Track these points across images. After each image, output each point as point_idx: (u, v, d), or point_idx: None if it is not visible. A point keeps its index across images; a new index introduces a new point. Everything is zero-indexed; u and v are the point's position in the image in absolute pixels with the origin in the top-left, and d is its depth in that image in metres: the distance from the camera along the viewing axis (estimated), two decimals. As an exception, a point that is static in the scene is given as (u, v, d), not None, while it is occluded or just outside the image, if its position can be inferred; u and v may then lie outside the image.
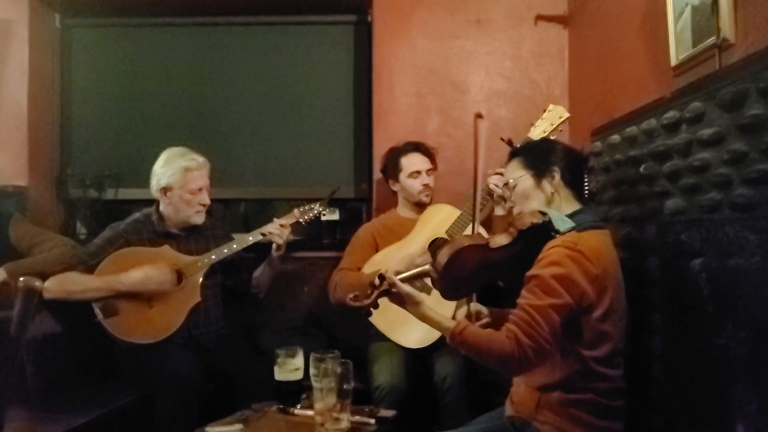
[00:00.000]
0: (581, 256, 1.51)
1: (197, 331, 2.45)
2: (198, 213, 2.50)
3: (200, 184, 2.49)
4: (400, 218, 2.65)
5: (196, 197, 2.48)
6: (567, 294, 1.49)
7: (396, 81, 2.92)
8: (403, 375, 2.25)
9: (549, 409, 1.58)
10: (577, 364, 1.55)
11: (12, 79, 2.97)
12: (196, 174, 2.48)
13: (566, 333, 1.52)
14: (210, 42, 3.19)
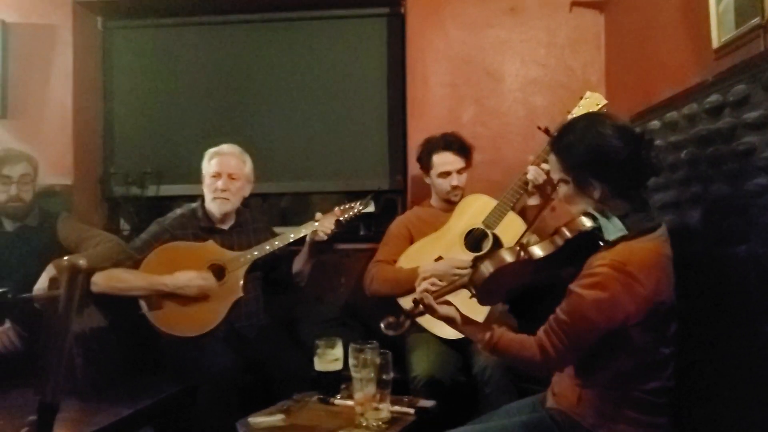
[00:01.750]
0: (630, 278, 1.42)
1: (239, 324, 2.50)
2: (215, 200, 2.50)
3: (218, 169, 2.51)
4: (434, 210, 2.64)
5: (214, 182, 2.50)
6: (606, 320, 1.44)
7: (430, 72, 2.91)
8: (441, 365, 2.26)
9: (591, 403, 1.56)
10: (623, 366, 1.51)
11: (57, 81, 3.08)
12: (217, 159, 2.52)
13: (610, 342, 1.48)
14: (246, 39, 3.23)
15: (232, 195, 2.52)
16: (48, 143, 3.00)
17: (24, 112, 3.08)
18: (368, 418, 1.77)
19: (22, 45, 3.09)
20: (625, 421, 1.51)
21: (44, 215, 2.68)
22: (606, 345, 1.48)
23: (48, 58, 3.08)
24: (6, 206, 2.57)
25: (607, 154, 1.50)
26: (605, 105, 2.23)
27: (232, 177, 2.52)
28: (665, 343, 1.52)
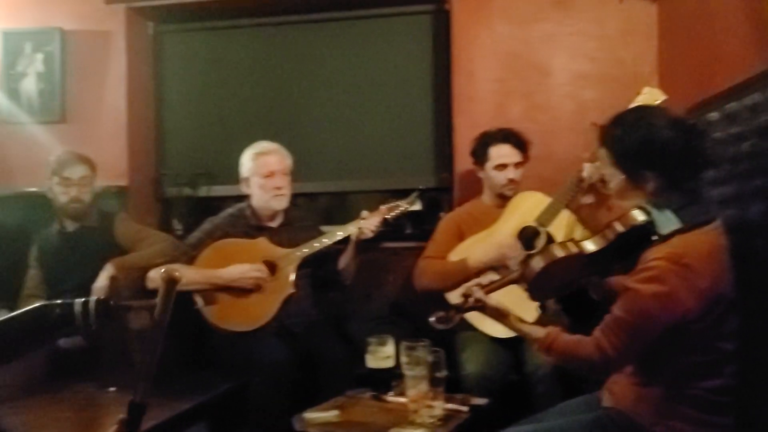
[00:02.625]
0: (688, 270, 1.39)
1: (289, 320, 2.53)
2: (276, 198, 2.55)
3: (272, 168, 2.55)
4: (486, 207, 2.62)
5: (270, 181, 2.54)
6: (666, 314, 1.41)
7: (476, 67, 2.89)
8: (492, 363, 2.25)
9: (651, 403, 1.52)
10: (682, 364, 1.48)
11: (112, 86, 3.18)
12: (267, 158, 2.56)
13: (670, 339, 1.45)
14: (292, 40, 3.27)
15: (287, 191, 2.58)
16: (104, 146, 3.09)
17: (81, 117, 3.19)
18: (422, 415, 1.78)
19: (79, 52, 3.20)
20: (685, 419, 1.48)
21: (102, 216, 2.78)
22: (664, 342, 1.44)
23: (103, 64, 3.18)
24: (67, 207, 2.67)
25: (659, 144, 1.48)
26: (664, 101, 2.16)
27: (284, 173, 2.58)
28: (726, 339, 1.47)
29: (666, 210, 1.48)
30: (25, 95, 3.24)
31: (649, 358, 1.50)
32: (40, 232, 2.78)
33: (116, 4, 3.15)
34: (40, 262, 2.71)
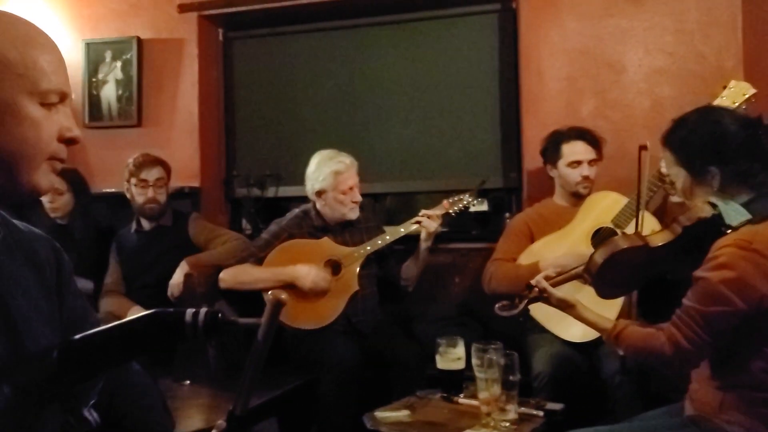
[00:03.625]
0: (758, 255, 1.36)
1: (356, 319, 2.56)
2: (352, 209, 2.62)
3: (350, 184, 2.60)
4: (557, 207, 2.56)
5: (348, 196, 2.60)
6: (739, 300, 1.36)
7: (545, 66, 2.83)
8: (564, 367, 2.19)
9: (735, 408, 1.45)
10: (765, 363, 1.41)
11: (185, 91, 3.28)
12: (346, 176, 2.60)
13: (750, 333, 1.40)
14: (357, 43, 3.29)
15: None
16: (178, 149, 3.21)
17: (156, 121, 3.32)
18: (495, 418, 1.74)
19: (154, 59, 3.33)
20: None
21: (177, 215, 2.88)
22: (743, 339, 1.40)
23: (176, 70, 3.30)
24: (144, 207, 2.78)
25: (724, 139, 1.50)
26: (753, 95, 2.05)
27: (357, 185, 2.64)
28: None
29: (734, 203, 1.47)
30: (105, 101, 3.40)
31: (728, 360, 1.45)
32: (119, 230, 2.90)
33: (189, 13, 3.26)
34: (119, 259, 2.83)
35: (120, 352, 0.90)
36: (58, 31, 3.41)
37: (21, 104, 0.86)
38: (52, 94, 0.89)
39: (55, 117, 0.90)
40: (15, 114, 0.86)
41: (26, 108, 0.86)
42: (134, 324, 0.89)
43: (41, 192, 0.91)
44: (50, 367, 0.84)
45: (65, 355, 0.85)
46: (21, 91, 0.86)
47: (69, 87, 0.93)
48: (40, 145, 0.88)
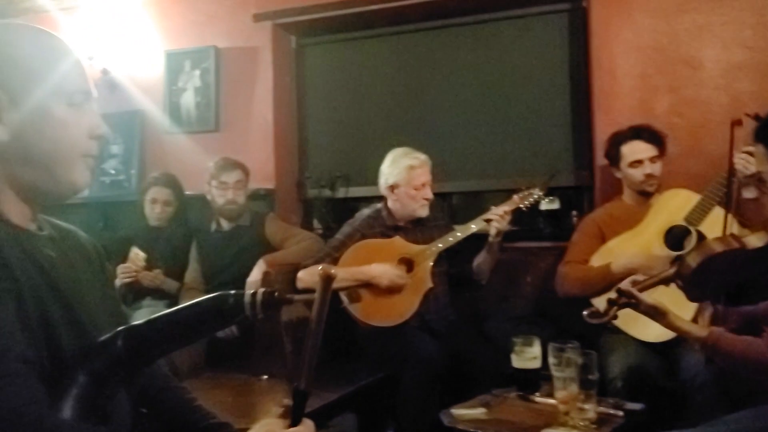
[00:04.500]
0: None
1: (429, 317, 2.60)
2: (422, 206, 2.66)
3: (423, 180, 2.64)
4: (627, 206, 2.54)
5: (420, 192, 2.63)
6: None
7: (617, 63, 2.80)
8: (641, 368, 2.16)
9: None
10: None
11: (260, 97, 3.41)
12: (419, 171, 2.64)
13: None
14: (427, 45, 3.34)
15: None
16: (253, 152, 3.32)
17: (233, 126, 3.46)
18: (574, 417, 1.75)
19: (231, 67, 3.46)
20: None
21: (254, 216, 3.00)
22: None
23: (251, 77, 3.42)
24: (223, 208, 2.91)
25: None
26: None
27: (430, 183, 2.67)
28: None
29: None
30: (184, 108, 3.56)
31: None
32: (200, 231, 3.05)
33: (263, 22, 3.37)
34: (199, 258, 2.98)
35: (187, 332, 0.96)
36: (141, 42, 3.60)
37: (50, 107, 0.93)
38: (77, 94, 0.96)
39: (82, 116, 0.96)
40: (46, 117, 0.92)
41: (55, 109, 0.93)
42: (199, 305, 0.94)
43: (80, 189, 0.98)
44: (118, 352, 0.90)
45: (130, 340, 0.91)
46: (48, 94, 0.93)
47: (91, 87, 0.99)
48: (72, 143, 0.95)
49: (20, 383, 0.75)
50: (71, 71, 0.96)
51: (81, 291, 0.97)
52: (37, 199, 0.97)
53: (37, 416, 0.74)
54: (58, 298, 0.91)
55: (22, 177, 0.93)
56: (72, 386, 0.85)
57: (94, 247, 1.12)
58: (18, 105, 0.91)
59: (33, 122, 0.92)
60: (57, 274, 0.93)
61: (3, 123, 0.91)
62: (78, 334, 0.91)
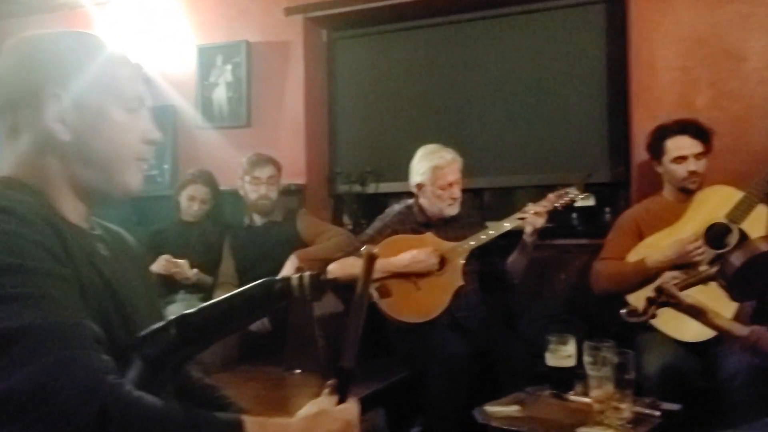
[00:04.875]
0: None
1: (459, 314, 2.57)
2: (450, 206, 2.63)
3: (450, 180, 2.60)
4: (667, 202, 2.48)
5: (447, 192, 2.61)
6: None
7: (657, 56, 2.73)
8: (677, 367, 2.12)
9: None
10: None
11: (291, 92, 3.41)
12: (446, 171, 2.60)
13: None
14: (460, 38, 3.30)
15: (460, 198, 2.65)
16: (284, 148, 3.33)
17: (265, 121, 3.47)
18: (609, 416, 1.72)
19: (262, 61, 3.48)
20: None
21: (286, 211, 3.01)
22: None
23: (283, 72, 3.43)
24: (256, 204, 2.93)
25: None
26: None
27: (459, 182, 2.64)
28: None
29: None
30: (216, 103, 3.59)
31: None
32: (233, 226, 3.08)
33: (295, 15, 3.38)
34: (232, 252, 3.00)
35: (237, 318, 0.99)
36: (173, 37, 3.64)
37: (109, 111, 0.97)
38: (134, 100, 1.01)
39: (137, 121, 1.01)
40: (105, 120, 0.97)
41: (114, 114, 0.98)
42: (248, 291, 0.97)
43: (133, 191, 1.02)
44: (171, 339, 0.93)
45: (183, 327, 0.94)
46: (108, 99, 0.97)
47: (145, 94, 1.04)
48: (128, 147, 1.00)
49: (98, 355, 0.79)
50: (130, 78, 1.01)
51: (130, 291, 1.00)
52: (92, 199, 1.01)
53: (117, 384, 0.77)
54: (112, 297, 0.94)
55: (80, 177, 0.97)
56: (130, 370, 0.88)
57: (138, 249, 1.16)
58: (80, 108, 0.95)
59: (93, 125, 0.96)
60: (110, 274, 0.96)
61: (66, 124, 0.95)
62: (128, 333, 0.94)
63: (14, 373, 0.73)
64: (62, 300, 0.80)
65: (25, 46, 0.97)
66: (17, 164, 0.96)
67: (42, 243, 0.83)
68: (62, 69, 0.95)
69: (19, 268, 0.79)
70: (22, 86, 0.95)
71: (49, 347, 0.75)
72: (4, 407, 0.72)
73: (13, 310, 0.76)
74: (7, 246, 0.80)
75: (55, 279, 0.82)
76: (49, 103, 0.93)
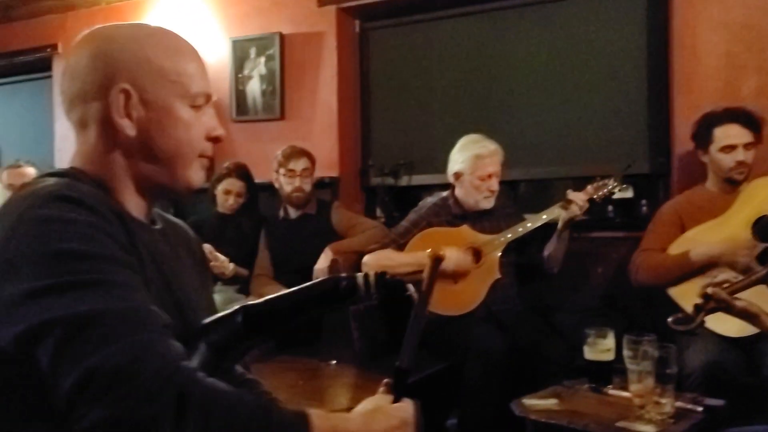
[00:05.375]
0: None
1: (495, 307, 2.55)
2: (486, 198, 2.60)
3: (489, 171, 2.58)
4: (710, 194, 2.41)
5: (485, 183, 2.58)
6: None
7: (701, 42, 2.64)
8: (721, 363, 2.07)
9: None
10: None
11: (324, 84, 3.41)
12: (487, 161, 2.58)
13: None
14: (493, 27, 3.25)
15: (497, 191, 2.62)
16: (318, 141, 3.34)
17: (298, 114, 3.47)
18: (650, 411, 1.69)
19: (295, 53, 3.47)
20: None
21: (320, 204, 3.03)
22: None
23: (316, 63, 3.43)
24: (291, 196, 2.95)
25: None
26: None
27: (498, 175, 2.61)
28: None
29: None
30: (250, 96, 3.60)
31: None
32: (268, 219, 3.10)
33: (328, 6, 3.37)
34: (268, 245, 3.03)
35: (300, 312, 0.99)
36: (206, 30, 3.66)
37: (175, 108, 0.97)
38: (200, 96, 0.99)
39: (202, 118, 1.00)
40: (171, 117, 0.96)
41: (180, 111, 0.97)
42: (314, 288, 0.98)
43: (194, 187, 1.02)
44: (237, 327, 0.94)
45: (249, 316, 0.95)
46: (175, 95, 0.97)
47: (212, 90, 1.03)
48: (192, 144, 0.99)
49: (171, 341, 0.80)
50: (197, 74, 1.00)
51: (186, 287, 1.01)
52: (154, 194, 1.02)
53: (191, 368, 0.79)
54: (169, 293, 0.95)
55: (143, 172, 0.98)
56: (195, 356, 0.89)
57: (196, 241, 1.17)
58: (146, 103, 0.95)
59: (159, 121, 0.96)
60: (169, 270, 0.97)
61: (132, 119, 0.95)
62: (183, 329, 0.95)
63: (94, 354, 0.74)
64: (132, 287, 0.82)
65: (96, 40, 0.98)
66: (85, 157, 0.98)
67: (111, 233, 0.84)
68: (131, 64, 0.95)
69: (92, 255, 0.80)
70: (91, 80, 0.95)
71: (126, 331, 0.76)
72: (84, 388, 0.73)
73: (88, 295, 0.77)
74: (79, 234, 0.81)
75: (125, 267, 0.83)
76: (116, 98, 0.94)
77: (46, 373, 0.75)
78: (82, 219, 0.82)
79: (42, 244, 0.79)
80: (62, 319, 0.75)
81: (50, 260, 0.78)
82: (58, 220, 0.81)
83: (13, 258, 0.79)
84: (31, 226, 0.81)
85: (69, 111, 0.98)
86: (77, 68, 0.96)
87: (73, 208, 0.83)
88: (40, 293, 0.77)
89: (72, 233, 0.80)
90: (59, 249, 0.79)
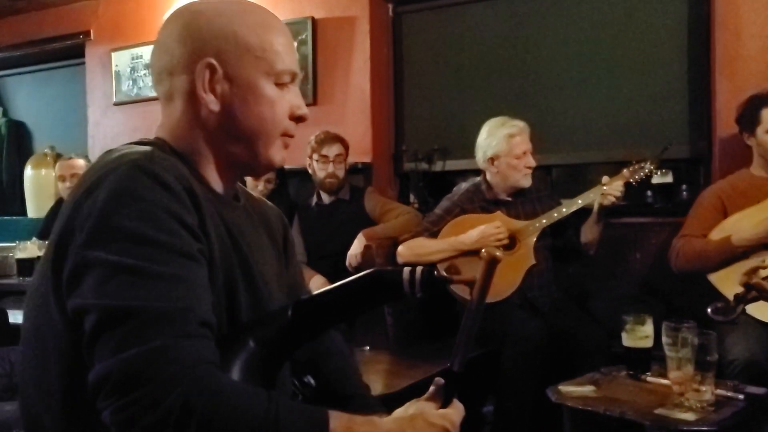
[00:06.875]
0: None
1: (531, 294, 2.54)
2: (525, 176, 2.59)
3: (524, 148, 2.57)
4: (755, 179, 2.35)
5: (522, 161, 2.56)
6: None
7: (744, 23, 2.56)
8: (763, 350, 2.03)
9: None
10: None
11: (357, 68, 3.40)
12: (519, 139, 2.57)
13: None
14: (527, 8, 3.20)
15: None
16: (351, 126, 3.33)
17: (331, 99, 3.48)
18: (689, 398, 1.67)
19: (327, 38, 3.47)
20: None
21: (354, 189, 3.03)
22: None
23: (349, 48, 3.42)
24: (324, 182, 2.96)
25: None
26: None
27: (532, 151, 2.59)
28: None
29: None
30: (284, 81, 3.62)
31: None
32: (300, 204, 3.12)
33: (360, -10, 3.36)
34: (301, 231, 3.05)
35: (345, 309, 0.98)
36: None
37: (260, 84, 0.95)
38: (286, 74, 0.97)
39: (287, 96, 0.98)
40: (255, 93, 0.94)
41: (264, 88, 0.95)
42: (358, 283, 0.95)
43: (275, 165, 1.01)
44: (285, 323, 0.93)
45: (298, 313, 0.93)
46: (260, 72, 0.94)
47: (298, 67, 1.01)
48: (276, 122, 0.97)
49: (194, 343, 0.79)
50: (284, 51, 0.97)
51: (263, 263, 1.01)
52: (236, 171, 1.01)
53: (205, 375, 0.77)
54: (244, 269, 0.95)
55: (225, 148, 0.97)
56: (242, 351, 0.88)
57: (280, 218, 1.16)
58: (231, 79, 0.94)
59: (243, 97, 0.95)
60: (246, 246, 0.97)
61: (215, 94, 0.94)
62: (256, 305, 0.95)
63: (114, 355, 0.75)
64: (179, 280, 0.81)
65: (185, 14, 0.97)
66: (170, 129, 0.98)
67: (179, 216, 0.83)
68: (218, 39, 0.94)
69: (148, 240, 0.80)
70: (179, 53, 0.94)
71: (149, 334, 0.76)
72: (101, 387, 0.75)
73: (127, 285, 0.78)
74: (144, 213, 0.81)
75: (181, 257, 0.82)
76: (202, 72, 0.93)
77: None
78: (152, 198, 0.82)
79: (106, 216, 0.80)
80: (97, 308, 0.77)
81: (108, 234, 0.80)
82: (129, 194, 0.81)
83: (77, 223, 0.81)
84: (104, 193, 0.81)
85: (157, 83, 0.99)
86: (166, 42, 0.96)
87: (148, 183, 0.82)
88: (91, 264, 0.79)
89: (137, 211, 0.80)
90: (120, 225, 0.80)
